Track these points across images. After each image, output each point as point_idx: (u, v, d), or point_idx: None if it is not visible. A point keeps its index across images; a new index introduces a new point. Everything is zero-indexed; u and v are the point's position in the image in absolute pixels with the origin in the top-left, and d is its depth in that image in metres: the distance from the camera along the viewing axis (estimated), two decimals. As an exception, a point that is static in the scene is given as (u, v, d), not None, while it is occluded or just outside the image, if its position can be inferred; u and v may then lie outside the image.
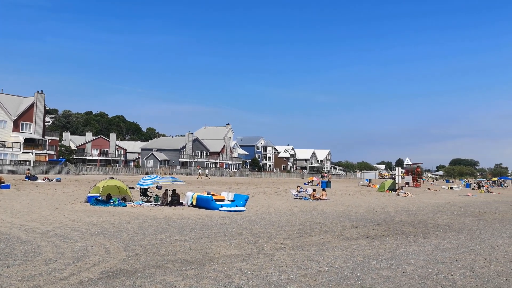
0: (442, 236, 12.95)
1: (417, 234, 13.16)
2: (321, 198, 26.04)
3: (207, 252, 9.19)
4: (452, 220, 17.59)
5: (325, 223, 14.85)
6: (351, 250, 10.06)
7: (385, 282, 7.23)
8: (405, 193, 34.33)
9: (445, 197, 35.42)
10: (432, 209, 22.75)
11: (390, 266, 8.44)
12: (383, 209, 21.29)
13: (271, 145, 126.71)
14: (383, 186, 40.25)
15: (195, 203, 18.74)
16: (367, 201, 26.49)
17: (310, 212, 18.64)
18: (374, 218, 17.06)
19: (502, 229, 15.25)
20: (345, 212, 19.33)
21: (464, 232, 13.94)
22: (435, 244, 11.32)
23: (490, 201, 32.02)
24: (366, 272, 7.91)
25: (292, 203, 23.12)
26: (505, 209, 24.15)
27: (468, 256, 9.88)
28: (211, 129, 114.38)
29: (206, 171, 69.00)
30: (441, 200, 31.04)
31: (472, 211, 21.97)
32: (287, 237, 11.55)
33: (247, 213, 17.32)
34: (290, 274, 7.53)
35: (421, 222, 16.29)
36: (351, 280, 7.28)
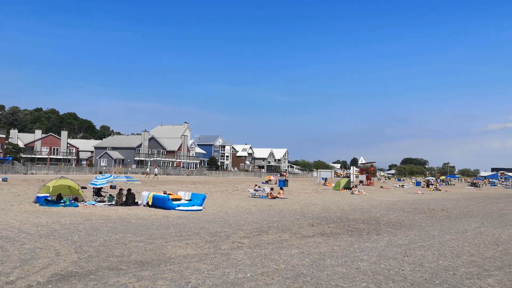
0: (393, 232, 13.41)
1: (370, 231, 13.54)
2: (278, 197, 26.27)
3: (163, 253, 9.02)
4: (403, 217, 18.25)
5: (282, 222, 14.99)
6: (307, 247, 10.21)
7: (339, 279, 7.38)
8: (359, 192, 35.29)
9: (397, 195, 36.73)
10: (385, 206, 23.51)
11: (344, 263, 8.63)
12: (338, 207, 21.77)
13: (229, 144, 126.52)
14: (339, 184, 41.17)
15: (151, 202, 18.38)
16: (323, 200, 27.00)
17: (267, 210, 18.76)
18: (330, 216, 17.41)
19: (449, 225, 15.99)
20: (302, 210, 19.60)
21: (414, 229, 14.50)
22: (387, 241, 11.70)
23: (438, 198, 33.53)
24: (321, 269, 8.04)
25: (250, 202, 23.18)
26: (452, 206, 25.35)
27: (418, 251, 10.27)
28: (168, 128, 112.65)
29: (155, 169, 67.44)
30: (393, 198, 32.16)
31: (421, 209, 22.90)
32: (245, 236, 11.56)
33: (205, 212, 17.19)
34: (247, 273, 7.53)
35: (374, 220, 16.79)
36: (307, 277, 7.38)
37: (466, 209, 23.92)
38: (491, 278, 7.84)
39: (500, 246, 11.51)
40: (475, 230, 14.84)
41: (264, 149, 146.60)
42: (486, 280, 7.71)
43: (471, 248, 11.07)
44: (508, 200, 35.33)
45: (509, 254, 10.37)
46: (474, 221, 17.79)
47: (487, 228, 15.54)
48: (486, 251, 10.73)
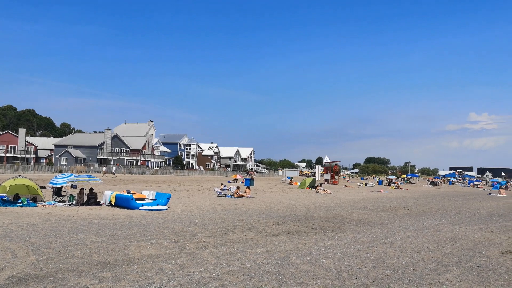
0: (357, 230, 13.68)
1: (334, 229, 13.76)
2: (244, 196, 26.28)
3: (126, 253, 8.82)
4: (366, 215, 18.66)
5: (248, 220, 15.00)
6: (273, 246, 10.25)
7: (304, 276, 7.45)
8: (324, 190, 35.82)
9: (360, 193, 37.53)
10: (349, 205, 23.96)
11: (309, 261, 8.72)
12: (304, 206, 22.01)
13: (195, 142, 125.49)
14: (304, 183, 41.64)
15: (113, 202, 17.96)
16: (288, 198, 27.23)
17: (233, 209, 18.72)
18: (295, 215, 17.57)
19: (410, 222, 16.48)
20: (268, 209, 19.68)
21: (377, 226, 14.84)
22: (351, 238, 11.92)
23: (399, 196, 34.51)
24: (286, 267, 8.09)
25: (216, 201, 23.07)
26: (412, 204, 26.15)
27: (380, 248, 10.52)
28: (132, 126, 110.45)
29: (113, 168, 65.73)
30: (357, 196, 32.84)
31: (383, 206, 23.49)
32: (210, 235, 11.48)
33: (169, 211, 16.96)
34: (213, 272, 7.47)
35: (339, 218, 17.07)
36: (272, 276, 7.40)
37: (425, 207, 24.72)
38: (449, 273, 8.12)
39: (457, 242, 11.95)
40: (434, 227, 15.35)
41: (231, 148, 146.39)
42: (444, 275, 7.98)
43: (430, 244, 11.44)
44: (465, 198, 36.81)
45: (466, 250, 10.78)
46: (433, 218, 18.41)
47: (446, 225, 16.11)
48: (445, 247, 11.12)
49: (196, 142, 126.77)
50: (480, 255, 10.21)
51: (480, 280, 7.69)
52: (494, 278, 7.92)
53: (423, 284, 7.28)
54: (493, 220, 18.80)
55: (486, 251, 10.71)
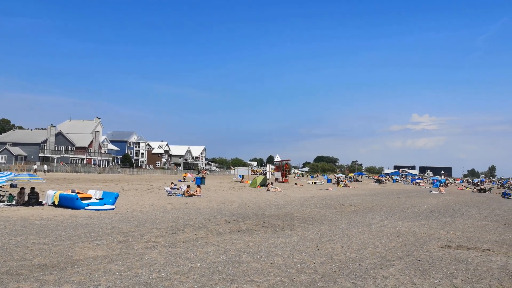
0: (306, 227, 13.94)
1: (284, 226, 13.95)
2: (195, 195, 26.04)
3: (70, 255, 8.47)
4: (315, 212, 19.07)
5: (199, 219, 14.87)
6: (224, 244, 10.23)
7: (254, 274, 7.49)
8: (275, 188, 36.22)
9: (310, 191, 38.31)
10: (298, 203, 24.38)
11: (259, 258, 8.78)
12: (255, 204, 22.14)
13: (144, 140, 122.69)
14: (255, 181, 41.89)
15: (57, 202, 17.19)
16: (239, 197, 27.28)
17: (183, 208, 18.50)
18: (246, 213, 17.63)
19: (356, 219, 17.03)
20: (219, 207, 19.62)
21: (325, 223, 15.21)
22: (300, 235, 12.14)
23: (347, 194, 35.57)
24: (237, 265, 8.10)
25: (166, 200, 22.69)
26: (359, 201, 27.04)
27: (328, 245, 10.79)
28: (77, 123, 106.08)
29: (44, 166, 62.65)
30: (306, 194, 33.49)
31: (332, 204, 24.11)
32: (159, 235, 11.27)
33: (117, 211, 16.47)
34: (162, 272, 7.34)
35: (289, 215, 17.33)
36: (223, 274, 7.38)
37: (371, 204, 25.65)
38: (392, 268, 8.47)
39: (400, 238, 12.50)
40: (379, 223, 15.96)
41: (181, 146, 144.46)
42: (388, 269, 8.31)
43: (375, 240, 11.88)
44: (408, 195, 38.57)
45: (408, 245, 11.30)
46: (378, 215, 19.14)
47: (390, 221, 16.79)
48: (388, 242, 11.58)
49: (146, 140, 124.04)
50: (421, 249, 10.73)
51: (421, 273, 8.08)
52: (433, 271, 8.35)
53: (368, 278, 7.54)
54: (433, 216, 19.83)
55: (427, 246, 11.27)
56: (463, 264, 9.13)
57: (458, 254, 10.22)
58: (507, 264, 9.28)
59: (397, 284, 7.23)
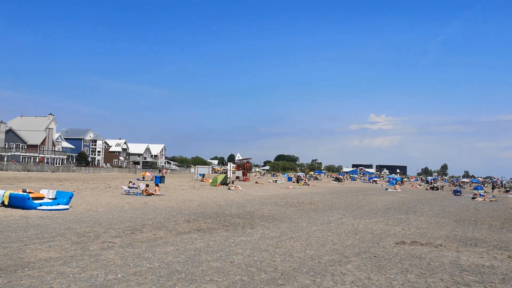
0: (266, 226, 13.99)
1: (245, 225, 13.94)
2: (154, 194, 25.57)
3: (20, 257, 8.06)
4: (276, 211, 19.19)
5: (158, 219, 14.60)
6: (183, 244, 10.08)
7: (214, 273, 7.42)
8: (236, 187, 36.19)
9: (271, 190, 38.55)
10: (259, 201, 24.46)
11: (219, 257, 8.71)
12: (215, 203, 22.01)
13: (101, 138, 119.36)
14: (216, 180, 41.69)
15: (7, 202, 16.36)
16: (200, 196, 27.05)
17: (142, 208, 18.11)
18: (206, 212, 17.49)
19: (316, 217, 17.28)
20: (178, 207, 19.36)
21: (285, 221, 15.33)
22: (261, 234, 12.16)
23: (307, 192, 36.06)
24: (196, 265, 8.00)
25: (123, 199, 22.13)
26: (318, 199, 27.47)
27: (288, 243, 10.87)
28: (29, 119, 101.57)
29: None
30: (267, 192, 33.67)
31: (292, 202, 24.36)
32: (116, 235, 10.96)
33: (71, 211, 15.89)
34: (118, 274, 7.13)
35: (249, 214, 17.34)
36: (182, 274, 7.26)
37: (330, 202, 26.13)
38: (350, 264, 8.63)
39: (358, 235, 12.78)
40: (338, 221, 16.27)
41: (140, 144, 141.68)
42: (346, 266, 8.47)
43: (334, 237, 12.09)
44: (365, 193, 39.60)
45: (365, 242, 11.57)
46: (337, 212, 19.51)
47: (348, 218, 17.15)
48: (347, 239, 11.82)
49: (103, 138, 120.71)
50: (378, 246, 11.01)
51: (377, 269, 8.28)
52: (389, 266, 8.59)
53: (327, 275, 7.65)
54: (389, 213, 20.45)
55: (383, 242, 11.59)
56: (417, 259, 9.45)
57: (412, 250, 10.57)
58: (458, 259, 9.69)
59: (355, 280, 7.37)
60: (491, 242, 12.51)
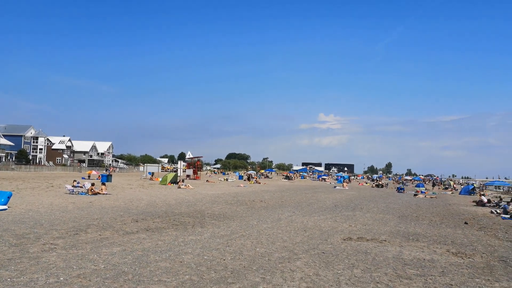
0: (217, 224, 13.92)
1: (195, 224, 13.78)
2: (100, 193, 24.71)
3: (-50, 262, 7.50)
4: (226, 209, 19.14)
5: (104, 219, 14.10)
6: (130, 244, 9.80)
7: (163, 274, 7.27)
8: (186, 186, 35.77)
9: (222, 188, 38.43)
10: (210, 199, 24.31)
11: (168, 257, 8.54)
12: (165, 202, 21.62)
13: (43, 135, 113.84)
14: (165, 179, 40.98)
15: None
16: (149, 194, 26.46)
17: (87, 208, 17.43)
18: (155, 211, 17.13)
19: (266, 215, 17.41)
20: (126, 206, 18.82)
21: (236, 220, 15.32)
22: (211, 232, 12.07)
23: (258, 190, 36.28)
24: (144, 265, 7.80)
25: (67, 199, 21.21)
26: (269, 197, 27.72)
27: (239, 241, 10.86)
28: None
29: None
30: (218, 191, 33.53)
31: (243, 200, 24.41)
32: (59, 237, 10.47)
33: (10, 212, 15.00)
34: (60, 277, 6.80)
35: (199, 213, 17.17)
36: (129, 275, 7.05)
37: (281, 200, 26.44)
38: (299, 261, 8.76)
39: (307, 232, 13.01)
40: (288, 218, 16.48)
41: (86, 142, 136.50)
42: (295, 263, 8.58)
43: (284, 235, 12.22)
44: (314, 191, 40.45)
45: (314, 239, 11.79)
46: (287, 210, 19.77)
47: (297, 216, 17.43)
48: (296, 236, 11.99)
49: (45, 135, 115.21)
50: (326, 242, 11.26)
51: (325, 265, 8.46)
52: (336, 262, 8.80)
53: (277, 272, 7.71)
54: (337, 210, 20.99)
55: (331, 239, 11.86)
56: (363, 254, 9.75)
57: (358, 246, 10.90)
58: (401, 254, 10.10)
59: (303, 277, 7.49)
60: (431, 237, 13.17)
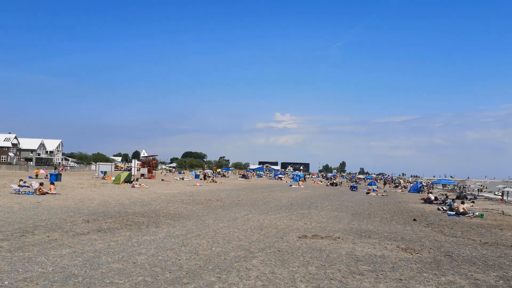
0: (172, 224, 13.70)
1: (149, 224, 13.50)
2: (49, 193, 23.69)
3: None
4: (182, 208, 18.90)
5: (52, 220, 13.52)
6: (81, 246, 9.45)
7: (115, 275, 7.05)
8: (140, 185, 35.01)
9: (177, 187, 37.92)
10: (165, 199, 23.91)
11: (121, 258, 8.31)
12: (118, 201, 21.04)
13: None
14: (119, 178, 39.92)
15: None
16: (101, 194, 25.66)
17: (34, 208, 16.64)
18: (108, 211, 16.63)
19: (222, 214, 17.34)
20: (77, 206, 18.15)
21: (192, 219, 15.16)
22: (166, 232, 11.87)
23: (214, 189, 36.09)
24: (95, 267, 7.54)
25: (13, 199, 20.17)
26: (225, 196, 27.64)
27: (194, 240, 10.74)
28: None
29: None
30: (173, 190, 33.05)
31: (199, 200, 24.19)
32: (3, 239, 9.92)
33: (-51, 213, 14.08)
34: (5, 281, 6.44)
35: (154, 212, 16.85)
36: (79, 278, 6.79)
37: (237, 198, 26.44)
38: (255, 259, 8.78)
39: (263, 230, 13.07)
40: (244, 217, 16.50)
41: (33, 139, 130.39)
42: (251, 261, 8.59)
43: (240, 233, 12.22)
44: (271, 189, 40.77)
45: (270, 237, 11.87)
46: (244, 209, 19.80)
47: (254, 215, 17.48)
48: (252, 235, 12.02)
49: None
50: (282, 240, 11.37)
51: (281, 263, 8.53)
52: (292, 260, 8.90)
53: (232, 271, 7.69)
54: (293, 208, 21.26)
55: (287, 237, 11.99)
56: (318, 252, 9.92)
57: (313, 243, 11.08)
58: (354, 250, 10.37)
59: (259, 275, 7.51)
60: (383, 234, 13.61)
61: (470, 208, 24.80)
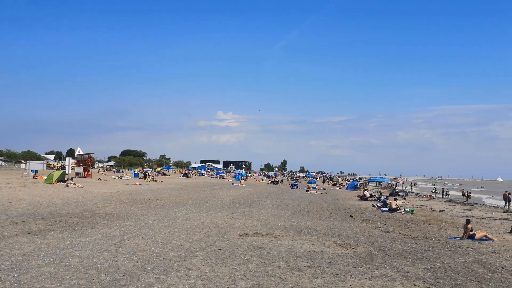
0: (109, 224, 13.23)
1: (84, 225, 12.95)
2: (-28, 193, 21.99)
3: None
4: (120, 208, 18.30)
5: (-24, 222, 12.57)
6: (8, 249, 8.86)
7: (46, 279, 6.69)
8: (75, 184, 33.47)
9: (115, 186, 36.66)
10: (102, 198, 23.03)
11: (53, 262, 7.89)
12: (50, 202, 19.97)
13: None
14: (51, 177, 37.90)
15: None
16: (31, 194, 24.22)
17: (-45, 210, 15.38)
18: (39, 212, 15.73)
19: (163, 213, 17.00)
20: (4, 207, 16.99)
21: (130, 219, 14.73)
22: (102, 233, 11.44)
23: (154, 189, 35.30)
24: (25, 271, 7.10)
25: None
26: (166, 196, 27.14)
27: (132, 241, 10.44)
28: None
29: None
30: (111, 189, 31.91)
31: (138, 199, 23.55)
32: None
33: None
34: None
35: (90, 213, 16.18)
36: (6, 283, 6.37)
37: (178, 197, 26.05)
38: (195, 259, 8.70)
39: (204, 229, 12.98)
40: (185, 216, 16.29)
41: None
42: (191, 261, 8.51)
43: (181, 233, 12.05)
44: (212, 188, 40.59)
45: (211, 236, 11.81)
46: (184, 208, 19.55)
47: (195, 214, 17.32)
48: (193, 234, 11.90)
49: None
50: (223, 239, 11.35)
51: (221, 262, 8.52)
52: (233, 258, 8.91)
53: (172, 271, 7.57)
54: (234, 207, 21.31)
55: (228, 235, 11.99)
56: (258, 249, 10.02)
57: (254, 241, 11.17)
58: (293, 247, 10.58)
59: (199, 274, 7.45)
60: (321, 230, 14.02)
61: (401, 204, 26.21)
